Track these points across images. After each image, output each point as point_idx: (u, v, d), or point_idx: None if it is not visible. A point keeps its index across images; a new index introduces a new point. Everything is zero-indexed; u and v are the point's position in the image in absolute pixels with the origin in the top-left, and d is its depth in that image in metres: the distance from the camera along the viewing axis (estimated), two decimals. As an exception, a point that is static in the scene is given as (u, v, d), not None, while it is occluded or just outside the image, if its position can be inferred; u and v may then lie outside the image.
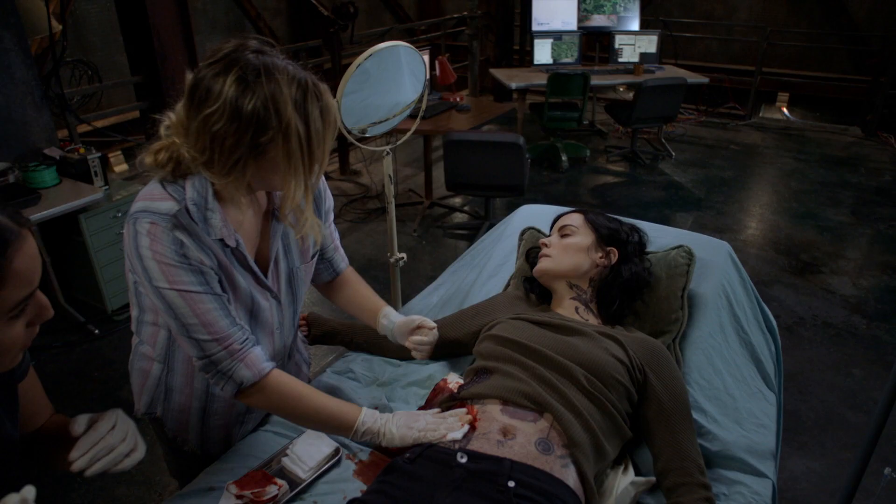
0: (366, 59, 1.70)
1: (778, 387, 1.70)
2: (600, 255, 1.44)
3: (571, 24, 5.73)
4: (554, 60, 5.57)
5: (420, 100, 1.86)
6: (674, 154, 5.69)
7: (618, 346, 1.25)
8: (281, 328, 1.33)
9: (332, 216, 1.40)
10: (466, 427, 1.10)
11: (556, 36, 5.54)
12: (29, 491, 0.70)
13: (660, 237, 1.67)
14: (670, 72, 5.54)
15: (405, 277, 3.77)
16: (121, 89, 5.46)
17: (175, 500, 1.23)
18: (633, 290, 1.42)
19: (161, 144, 1.08)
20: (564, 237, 1.46)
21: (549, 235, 1.54)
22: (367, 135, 1.75)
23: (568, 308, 1.41)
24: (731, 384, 1.41)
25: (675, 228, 1.77)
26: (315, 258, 1.38)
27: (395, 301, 2.20)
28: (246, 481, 1.22)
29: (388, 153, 1.91)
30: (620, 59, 5.58)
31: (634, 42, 5.55)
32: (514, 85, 5.18)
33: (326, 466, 1.28)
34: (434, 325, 1.39)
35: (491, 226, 4.18)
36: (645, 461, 1.25)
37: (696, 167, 5.46)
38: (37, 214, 2.68)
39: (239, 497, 1.19)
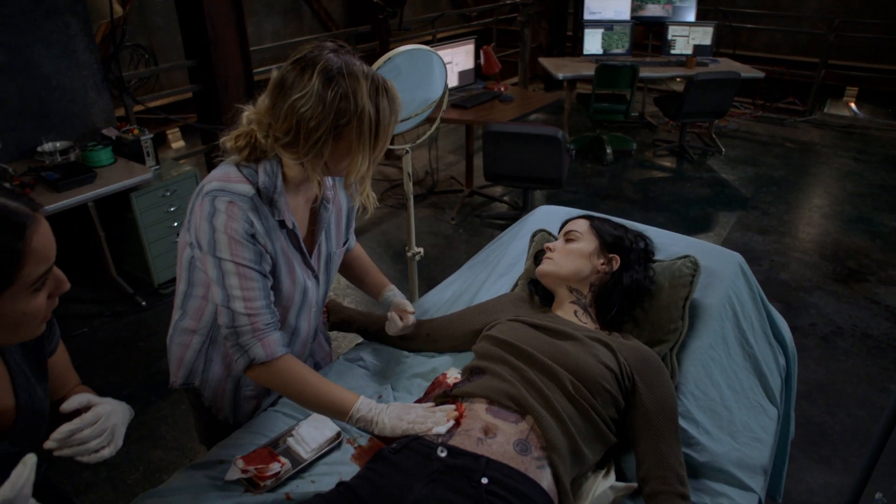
0: (396, 56, 1.77)
1: (785, 401, 1.69)
2: (602, 261, 1.46)
3: (624, 13, 5.62)
4: (604, 51, 5.48)
5: (441, 100, 1.89)
6: (724, 150, 5.53)
7: (609, 352, 1.27)
8: (317, 307, 1.48)
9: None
10: (451, 423, 1.16)
11: (607, 26, 5.45)
12: (30, 458, 0.79)
13: (671, 245, 1.67)
14: (725, 65, 5.38)
15: (438, 265, 3.85)
16: (181, 69, 5.69)
17: (188, 469, 1.34)
18: (632, 298, 1.44)
19: (241, 131, 1.24)
20: (568, 242, 1.49)
21: (557, 239, 1.57)
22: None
23: (567, 311, 1.44)
24: (728, 396, 1.42)
25: (687, 237, 1.76)
26: (346, 245, 1.54)
27: (412, 293, 2.26)
28: (252, 457, 1.32)
29: (406, 151, 1.96)
30: (673, 51, 5.44)
31: (688, 34, 5.40)
32: (561, 75, 5.13)
33: (327, 449, 1.36)
34: (412, 314, 1.56)
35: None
36: (631, 467, 1.28)
37: (746, 165, 5.30)
38: (91, 193, 2.86)
39: (244, 472, 1.28)
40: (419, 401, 1.39)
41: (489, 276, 1.77)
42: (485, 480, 1.04)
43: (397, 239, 4.23)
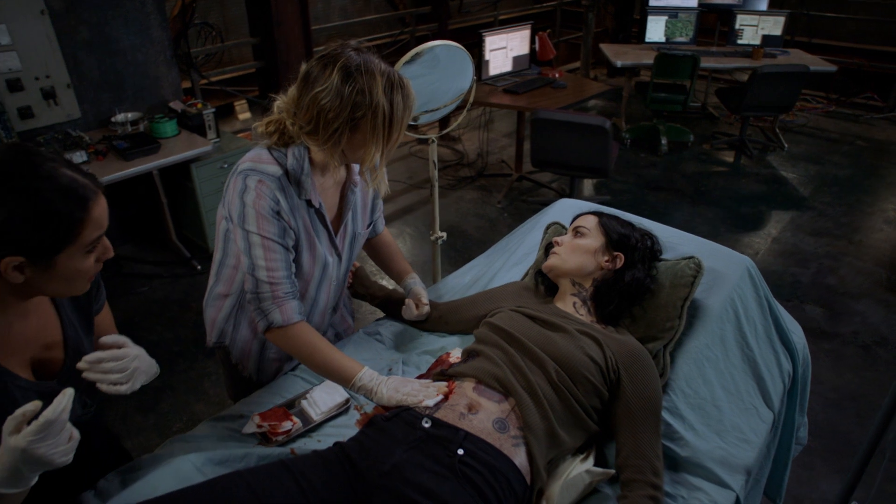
0: (437, 47, 1.86)
1: (790, 406, 1.70)
2: (606, 258, 1.51)
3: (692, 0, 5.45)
4: (667, 39, 5.36)
5: (470, 90, 1.97)
6: (787, 146, 5.33)
7: (596, 345, 1.34)
8: (337, 281, 1.61)
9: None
10: (440, 397, 1.26)
11: (672, 13, 5.31)
12: (69, 391, 0.93)
13: (681, 244, 1.70)
14: (795, 56, 5.16)
15: (480, 247, 3.92)
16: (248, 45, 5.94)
17: (212, 420, 1.50)
18: (632, 296, 1.49)
19: (272, 118, 1.37)
20: (576, 237, 1.55)
21: (567, 233, 1.63)
22: (419, 122, 1.90)
23: (567, 303, 1.51)
24: (721, 396, 1.46)
25: (697, 238, 1.77)
26: (370, 227, 1.66)
27: (434, 275, 2.36)
28: (268, 414, 1.46)
29: (433, 141, 2.05)
30: (739, 41, 5.26)
31: (758, 23, 5.20)
32: (619, 63, 5.06)
33: (336, 413, 1.49)
34: (426, 307, 1.67)
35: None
36: (613, 455, 1.35)
37: (809, 162, 5.10)
38: (155, 162, 3.09)
39: (259, 427, 1.43)
40: (422, 376, 1.49)
41: (504, 264, 1.85)
42: (460, 451, 1.13)
43: (443, 219, 4.33)
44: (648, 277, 1.50)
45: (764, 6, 5.42)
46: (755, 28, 5.20)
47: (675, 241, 1.70)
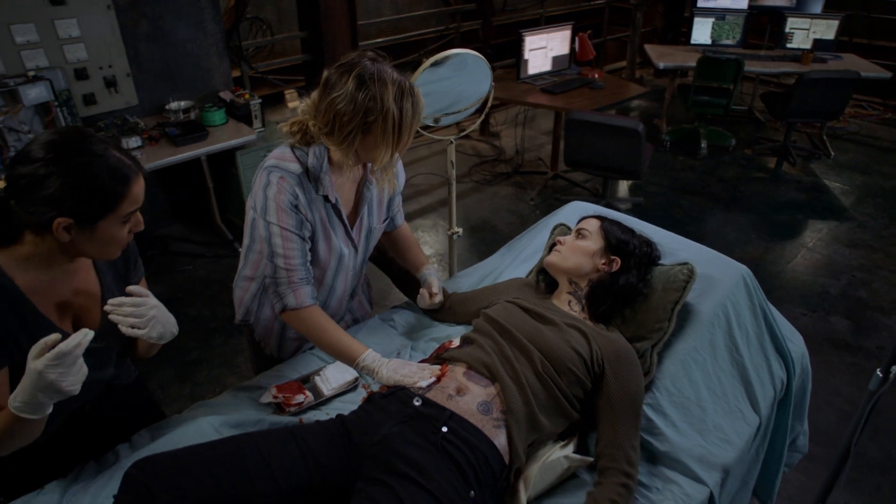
0: (466, 54, 1.98)
1: (783, 414, 1.75)
2: (603, 261, 1.60)
3: (742, 1, 5.36)
4: (713, 41, 5.30)
5: (488, 96, 2.07)
6: (833, 154, 5.21)
7: (584, 339, 1.43)
8: (353, 271, 1.75)
9: (402, 186, 1.81)
10: (433, 379, 1.38)
11: (720, 15, 5.25)
12: (87, 331, 1.09)
13: (681, 250, 1.76)
14: (848, 61, 5.03)
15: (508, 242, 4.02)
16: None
17: (235, 390, 1.66)
18: (625, 298, 1.57)
19: (295, 119, 1.51)
20: (578, 238, 1.64)
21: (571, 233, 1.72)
22: (440, 124, 2.01)
23: (562, 300, 1.60)
24: (706, 397, 1.53)
25: (697, 244, 1.83)
26: (385, 222, 1.80)
27: (451, 269, 2.48)
28: (284, 387, 1.61)
29: (451, 142, 2.16)
30: (789, 45, 5.16)
31: (809, 26, 5.09)
32: (662, 64, 5.05)
33: (345, 390, 1.63)
34: (437, 296, 1.79)
35: (608, 205, 4.28)
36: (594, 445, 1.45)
37: (855, 172, 4.98)
38: (203, 149, 3.29)
39: (275, 398, 1.58)
40: (425, 360, 1.61)
41: (513, 261, 1.95)
42: (444, 429, 1.25)
43: (476, 214, 4.44)
44: (642, 282, 1.58)
45: (819, 8, 5.29)
46: (806, 31, 5.10)
47: (675, 247, 1.76)
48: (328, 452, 1.25)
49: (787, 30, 5.15)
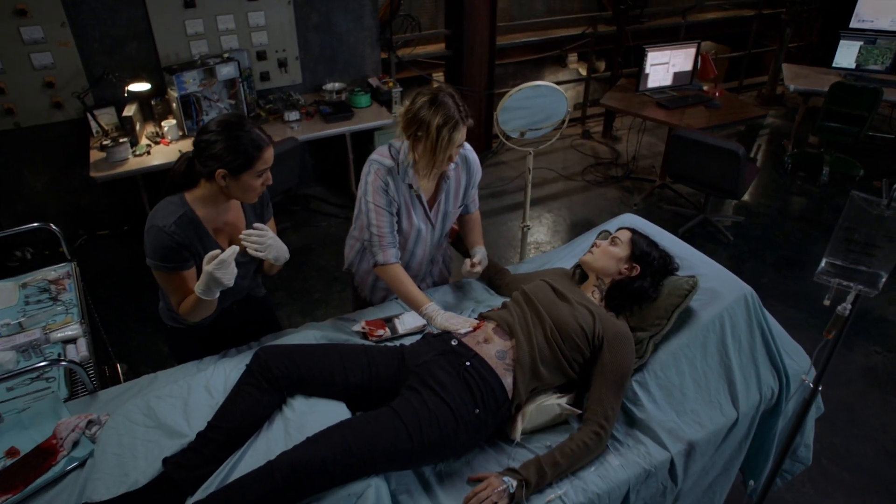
0: (550, 85, 2.41)
1: (772, 418, 2.03)
2: (626, 266, 1.98)
3: (900, 25, 5.13)
4: (857, 65, 5.15)
5: (564, 120, 2.48)
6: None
7: (590, 317, 1.82)
8: (431, 243, 2.27)
9: (477, 181, 2.26)
10: (470, 329, 1.87)
11: (870, 38, 5.08)
12: (234, 247, 1.71)
13: (698, 266, 2.09)
14: None
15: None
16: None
17: (338, 318, 2.25)
18: (636, 298, 1.94)
19: (399, 122, 2.05)
20: (611, 245, 2.03)
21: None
22: (525, 137, 2.46)
23: (588, 290, 2.00)
24: (689, 386, 1.87)
25: (715, 263, 2.10)
26: (460, 208, 2.28)
27: (522, 254, 2.92)
28: (371, 322, 2.17)
29: (530, 153, 2.58)
30: (943, 77, 4.90)
31: (969, 61, 4.80)
32: (793, 87, 5.02)
33: (413, 331, 2.16)
34: (475, 269, 2.19)
35: (705, 220, 4.45)
36: (589, 404, 1.86)
37: None
38: (347, 127, 3.97)
39: (363, 328, 2.14)
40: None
41: (566, 255, 2.37)
42: (468, 364, 1.73)
43: (576, 213, 4.79)
44: (653, 288, 1.94)
45: None
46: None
47: (695, 263, 2.09)
48: (386, 366, 1.79)
49: (942, 62, 4.89)
